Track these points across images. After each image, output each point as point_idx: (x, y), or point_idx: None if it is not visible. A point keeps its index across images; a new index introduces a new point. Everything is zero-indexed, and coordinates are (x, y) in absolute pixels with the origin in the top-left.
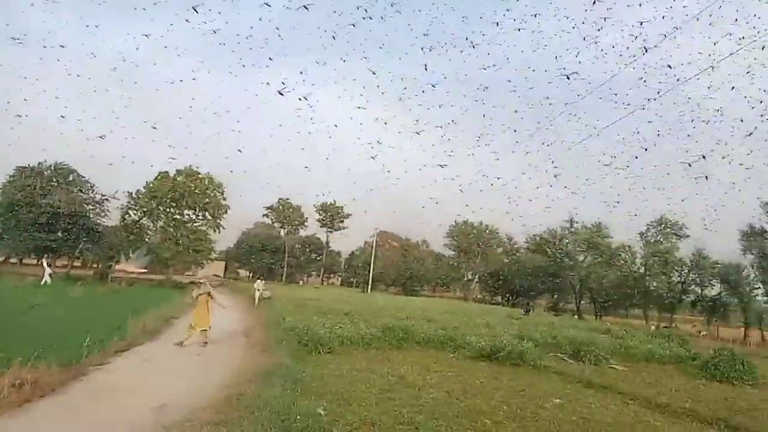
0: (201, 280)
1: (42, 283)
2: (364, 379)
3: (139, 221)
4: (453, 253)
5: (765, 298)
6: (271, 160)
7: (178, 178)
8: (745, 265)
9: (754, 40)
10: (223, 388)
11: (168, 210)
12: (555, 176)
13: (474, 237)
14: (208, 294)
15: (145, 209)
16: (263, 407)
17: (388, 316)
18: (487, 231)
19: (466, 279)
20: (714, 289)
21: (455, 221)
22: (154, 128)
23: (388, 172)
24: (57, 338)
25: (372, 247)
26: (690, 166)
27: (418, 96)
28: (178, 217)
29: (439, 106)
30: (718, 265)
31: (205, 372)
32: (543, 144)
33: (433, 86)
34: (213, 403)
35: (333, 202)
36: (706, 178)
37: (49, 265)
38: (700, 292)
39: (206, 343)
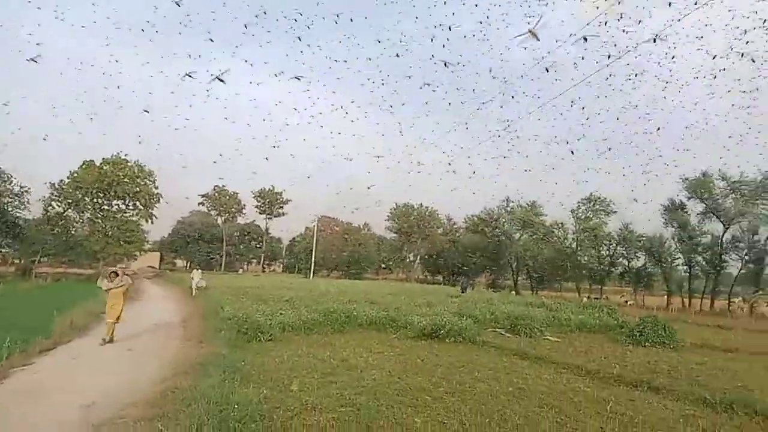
0: (117, 270)
1: None
2: (305, 364)
3: (63, 213)
4: (395, 235)
5: (684, 267)
6: (206, 147)
7: (105, 167)
8: (667, 238)
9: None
10: (158, 382)
11: (95, 200)
12: (493, 158)
13: (414, 219)
14: (126, 287)
15: (69, 201)
16: (200, 399)
17: (331, 300)
18: (427, 213)
19: (408, 260)
20: (639, 261)
21: (396, 204)
22: (92, 119)
23: (333, 148)
24: None
25: (313, 233)
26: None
27: (354, 74)
28: (106, 207)
29: (381, 84)
30: (642, 239)
31: (138, 366)
32: (482, 123)
33: (370, 59)
34: (147, 397)
35: (271, 188)
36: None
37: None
38: (627, 264)
39: (112, 339)
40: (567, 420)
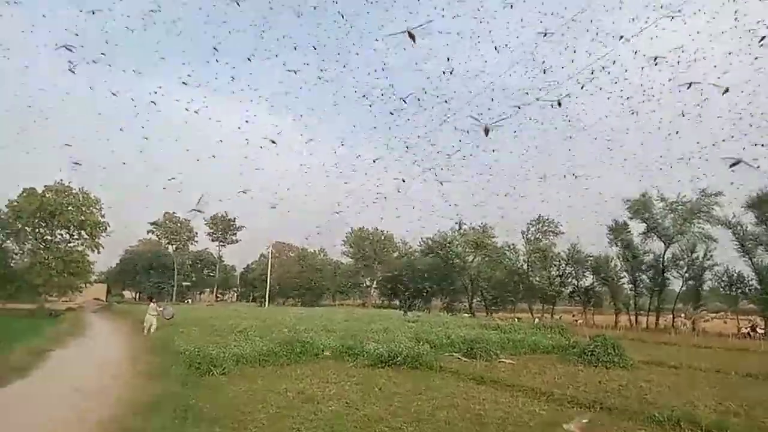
0: None
1: None
2: (261, 398)
3: (1, 245)
4: (351, 260)
5: (630, 285)
6: (158, 173)
7: (48, 195)
8: (612, 257)
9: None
10: (106, 422)
11: (37, 230)
12: (441, 182)
13: (370, 243)
14: None
15: (8, 231)
16: None
17: (286, 329)
18: (383, 237)
19: (365, 285)
20: (588, 280)
21: (352, 228)
22: None
23: (288, 175)
24: None
25: (268, 259)
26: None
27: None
28: (48, 237)
29: (337, 113)
30: (590, 258)
31: (85, 406)
32: (430, 151)
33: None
34: None
35: (224, 214)
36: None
37: None
38: (576, 283)
39: None
40: None
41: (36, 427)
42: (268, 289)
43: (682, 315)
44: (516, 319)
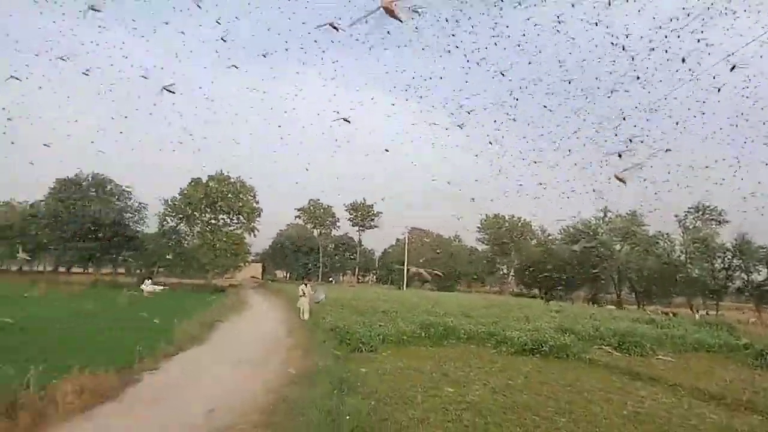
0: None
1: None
2: (407, 377)
3: (176, 227)
4: (486, 247)
5: None
6: (300, 161)
7: (211, 184)
8: None
9: None
10: (269, 391)
11: (203, 215)
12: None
13: (506, 230)
14: None
15: (181, 216)
16: (311, 408)
17: (425, 312)
18: (520, 224)
19: (501, 273)
20: (761, 275)
21: (486, 215)
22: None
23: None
24: (110, 342)
25: (405, 244)
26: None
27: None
28: (213, 222)
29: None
30: (763, 250)
31: (251, 376)
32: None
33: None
34: (260, 406)
35: (363, 201)
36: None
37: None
38: (746, 278)
39: None
40: None
41: (211, 390)
42: (405, 272)
43: None
44: (672, 314)
